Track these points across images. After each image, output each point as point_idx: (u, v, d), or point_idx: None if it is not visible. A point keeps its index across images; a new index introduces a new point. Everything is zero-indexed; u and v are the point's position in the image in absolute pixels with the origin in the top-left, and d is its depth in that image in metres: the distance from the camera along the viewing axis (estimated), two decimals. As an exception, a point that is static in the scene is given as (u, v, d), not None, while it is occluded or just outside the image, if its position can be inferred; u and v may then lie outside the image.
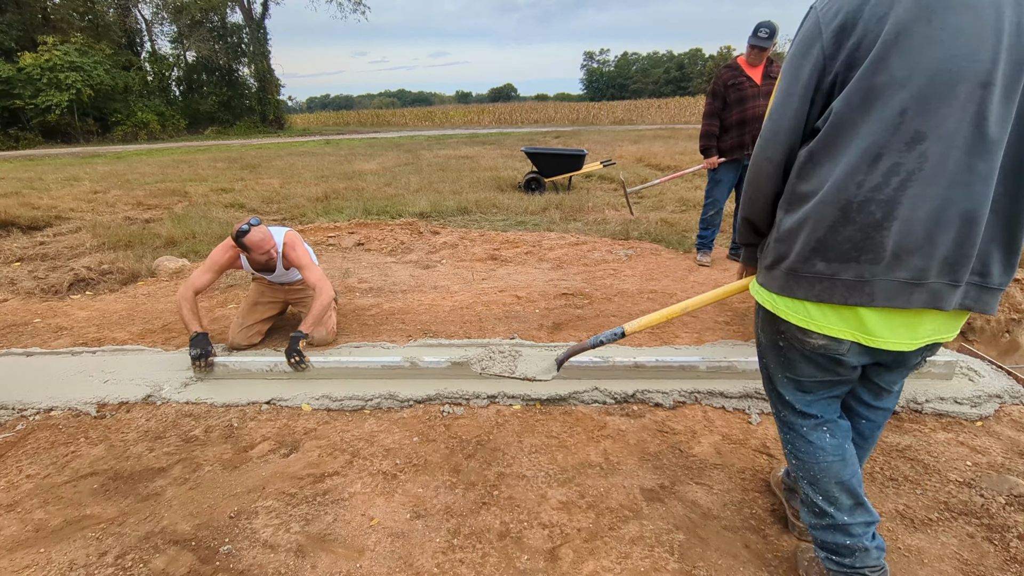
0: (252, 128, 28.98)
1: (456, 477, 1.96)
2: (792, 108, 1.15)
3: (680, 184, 8.20)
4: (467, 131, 27.11)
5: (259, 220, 2.77)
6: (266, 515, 1.79)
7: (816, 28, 1.10)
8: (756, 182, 1.26)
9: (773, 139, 1.18)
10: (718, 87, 3.99)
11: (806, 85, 1.12)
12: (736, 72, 3.92)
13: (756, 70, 3.91)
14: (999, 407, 2.32)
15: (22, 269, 4.66)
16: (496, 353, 1.99)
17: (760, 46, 3.76)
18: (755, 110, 3.93)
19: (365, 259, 4.87)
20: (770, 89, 3.94)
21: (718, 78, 4.01)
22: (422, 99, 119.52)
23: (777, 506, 1.79)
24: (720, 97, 3.99)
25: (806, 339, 1.23)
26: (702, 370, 2.55)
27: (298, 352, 2.62)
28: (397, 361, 2.61)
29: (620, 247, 4.96)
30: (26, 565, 1.61)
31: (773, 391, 1.45)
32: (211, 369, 2.66)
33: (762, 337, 1.40)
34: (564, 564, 1.59)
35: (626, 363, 2.55)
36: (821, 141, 1.10)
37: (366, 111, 52.88)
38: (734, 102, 3.94)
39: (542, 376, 1.85)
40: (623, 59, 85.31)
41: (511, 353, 2.00)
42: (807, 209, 1.12)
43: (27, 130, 22.23)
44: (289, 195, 8.02)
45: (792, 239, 1.16)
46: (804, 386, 1.36)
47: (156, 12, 28.49)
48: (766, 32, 3.73)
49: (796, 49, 1.15)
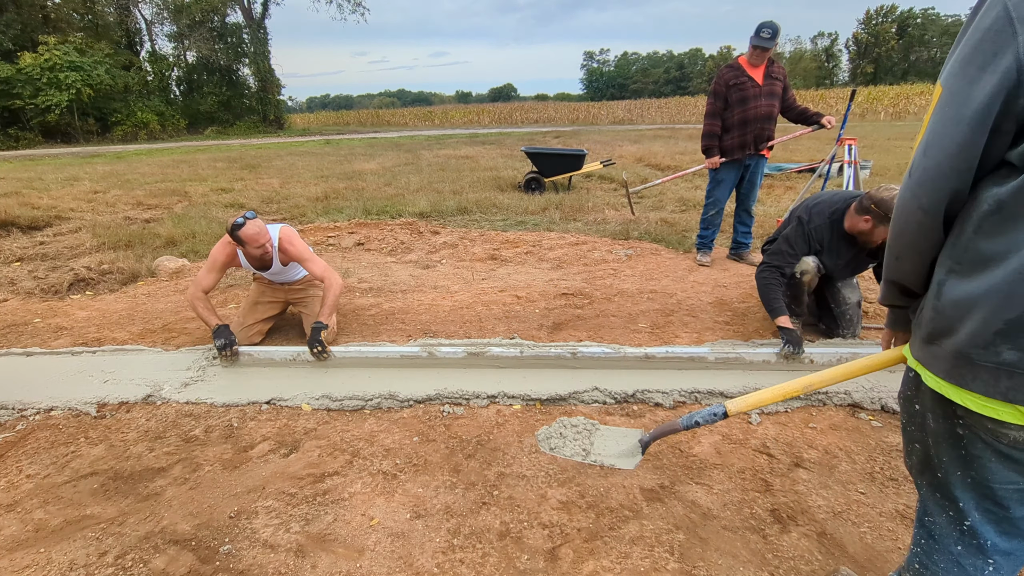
0: (252, 128, 28.98)
1: (456, 477, 1.96)
2: (958, 140, 0.82)
3: (680, 184, 8.20)
4: (467, 131, 27.11)
5: (254, 214, 2.78)
6: (266, 515, 1.79)
7: (1007, 25, 0.75)
8: (905, 236, 0.95)
9: (929, 182, 0.87)
10: (720, 87, 3.97)
11: (986, 108, 0.78)
12: (738, 72, 3.91)
13: (758, 70, 3.89)
14: (999, 407, 2.32)
15: (22, 269, 4.66)
16: (568, 428, 1.75)
17: (763, 46, 3.75)
18: (757, 110, 3.91)
19: (365, 259, 4.87)
20: (772, 89, 3.91)
21: (720, 78, 3.98)
22: (422, 99, 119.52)
23: (777, 506, 1.79)
24: (722, 97, 3.97)
25: (1001, 430, 0.85)
26: (711, 361, 2.66)
27: (320, 342, 2.71)
28: (415, 351, 2.76)
29: (620, 247, 4.96)
30: (26, 565, 1.61)
31: (943, 493, 0.98)
32: (237, 358, 2.78)
33: (928, 416, 0.97)
34: (564, 564, 1.59)
35: (637, 355, 2.68)
36: (1021, 187, 0.77)
37: (366, 111, 52.90)
38: (736, 102, 3.93)
39: (623, 464, 1.58)
40: (623, 59, 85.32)
41: (585, 429, 1.75)
42: (992, 278, 0.81)
43: (27, 130, 22.23)
44: (289, 195, 8.02)
45: (963, 314, 0.84)
46: (998, 496, 0.90)
47: (157, 12, 28.50)
48: (769, 32, 3.71)
49: (967, 54, 0.80)
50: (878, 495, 1.84)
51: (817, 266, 2.76)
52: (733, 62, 3.98)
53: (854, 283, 2.99)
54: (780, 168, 9.17)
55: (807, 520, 1.74)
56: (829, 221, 2.69)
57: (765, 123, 3.95)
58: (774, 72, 3.92)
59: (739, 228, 4.45)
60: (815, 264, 2.75)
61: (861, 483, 1.90)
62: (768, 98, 3.92)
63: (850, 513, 1.76)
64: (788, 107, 4.05)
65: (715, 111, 4.02)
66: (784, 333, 2.64)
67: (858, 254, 2.73)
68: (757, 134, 3.97)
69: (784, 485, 1.89)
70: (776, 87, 3.93)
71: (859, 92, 30.36)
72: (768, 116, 3.94)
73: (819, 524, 1.72)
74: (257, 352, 2.85)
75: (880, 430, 2.19)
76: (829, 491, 1.86)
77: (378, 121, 43.15)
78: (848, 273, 2.90)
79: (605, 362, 2.68)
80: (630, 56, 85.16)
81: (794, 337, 2.61)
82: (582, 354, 2.69)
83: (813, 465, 2.00)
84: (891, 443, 2.11)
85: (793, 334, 2.63)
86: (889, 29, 57.47)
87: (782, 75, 3.97)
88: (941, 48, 57.43)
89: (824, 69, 64.28)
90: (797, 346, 2.60)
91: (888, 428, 2.20)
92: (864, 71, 57.76)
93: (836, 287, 2.93)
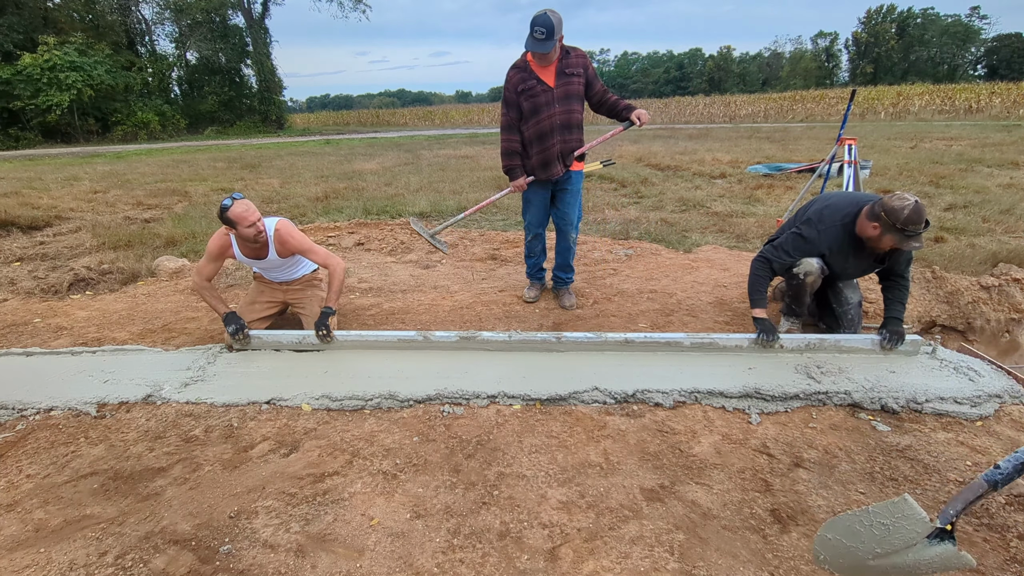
0: (252, 128, 28.99)
1: (456, 477, 1.96)
2: None
3: (680, 184, 8.20)
4: (467, 131, 27.10)
5: (242, 195, 2.79)
6: (266, 515, 1.79)
7: None
8: None
9: None
10: (510, 94, 3.12)
11: None
12: (525, 74, 3.07)
13: (548, 69, 3.07)
14: (999, 407, 2.32)
15: (22, 269, 4.66)
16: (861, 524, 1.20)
17: (539, 51, 2.93)
18: (552, 120, 3.11)
19: (365, 259, 4.87)
20: (568, 91, 3.10)
21: (508, 82, 3.13)
22: (422, 99, 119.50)
23: (777, 506, 1.79)
24: (515, 106, 3.13)
25: None
26: (686, 345, 2.78)
27: (326, 326, 2.82)
28: (412, 336, 2.89)
29: (620, 247, 4.96)
30: (26, 565, 1.61)
31: None
32: (249, 341, 2.91)
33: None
34: (564, 564, 1.59)
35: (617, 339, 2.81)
36: None
37: (366, 111, 52.94)
38: (529, 112, 3.11)
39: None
40: (623, 59, 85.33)
41: (903, 517, 1.14)
42: None
43: (27, 130, 22.21)
44: (289, 195, 8.02)
45: None
46: None
47: (158, 12, 28.50)
48: (543, 32, 2.87)
49: None
50: (878, 495, 1.84)
51: (821, 268, 2.76)
52: (520, 61, 3.12)
53: (855, 283, 2.99)
54: (780, 168, 9.17)
55: (807, 520, 1.74)
56: (841, 225, 2.69)
57: (566, 134, 3.16)
58: (569, 67, 3.07)
59: (557, 260, 3.59)
60: (819, 266, 2.75)
61: (861, 483, 1.90)
62: (564, 103, 3.11)
63: (850, 513, 1.76)
64: (598, 103, 3.23)
65: (510, 123, 3.17)
66: (758, 323, 2.77)
67: (866, 258, 2.73)
68: (561, 149, 3.19)
69: (784, 485, 1.89)
70: (574, 86, 3.10)
71: (859, 92, 30.38)
72: (567, 125, 3.14)
73: (819, 524, 1.72)
74: (265, 335, 2.96)
75: (880, 430, 2.19)
76: (829, 491, 1.86)
77: (378, 121, 43.16)
78: (855, 276, 2.90)
79: (587, 345, 2.80)
80: (630, 56, 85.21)
81: (767, 326, 2.75)
82: (566, 339, 2.80)
83: (813, 465, 2.00)
84: (890, 443, 2.11)
85: (766, 323, 2.76)
86: (889, 29, 57.48)
87: (581, 66, 3.11)
88: (941, 48, 57.46)
89: (824, 69, 64.27)
90: (771, 334, 2.73)
91: (888, 428, 2.20)
92: (864, 71, 57.74)
93: (838, 287, 2.93)
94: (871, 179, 8.00)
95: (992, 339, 3.44)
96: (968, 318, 3.46)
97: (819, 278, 2.79)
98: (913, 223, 2.39)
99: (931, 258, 4.30)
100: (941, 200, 6.45)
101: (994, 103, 25.96)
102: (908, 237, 2.43)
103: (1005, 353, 3.37)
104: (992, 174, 8.13)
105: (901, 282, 2.73)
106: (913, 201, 2.39)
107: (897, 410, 2.29)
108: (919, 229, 2.40)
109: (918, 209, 2.38)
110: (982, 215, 5.68)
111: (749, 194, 7.34)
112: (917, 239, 2.44)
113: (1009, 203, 6.05)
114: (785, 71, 65.00)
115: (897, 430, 2.19)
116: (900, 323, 2.71)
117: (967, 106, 26.54)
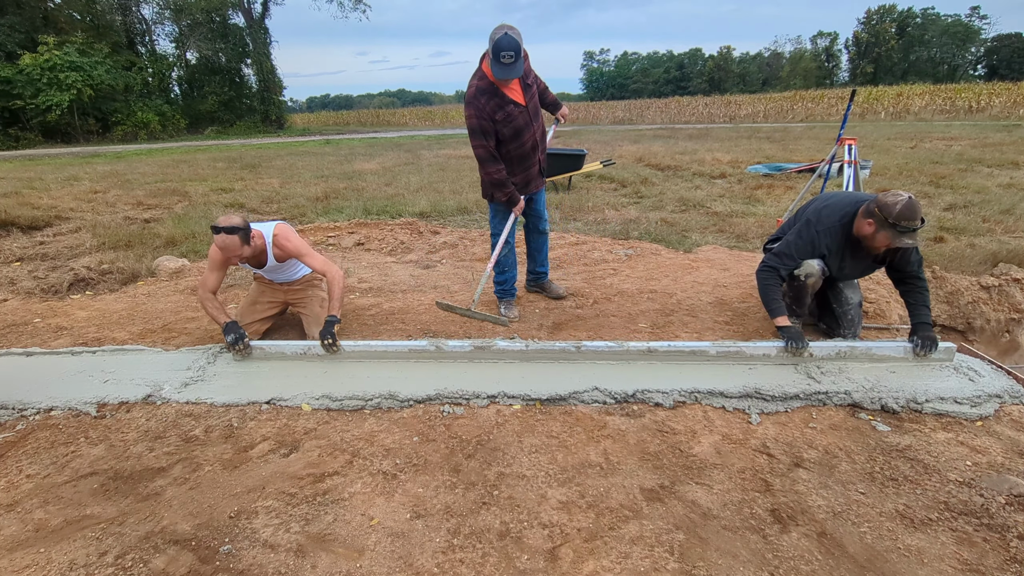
0: (252, 128, 28.97)
1: (456, 477, 1.96)
2: None
3: (680, 184, 8.20)
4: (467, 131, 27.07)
5: (240, 222, 2.67)
6: (266, 515, 1.79)
7: None
8: None
9: None
10: (485, 123, 2.95)
11: None
12: (499, 99, 2.94)
13: (513, 86, 2.97)
14: (999, 407, 2.32)
15: (22, 269, 4.66)
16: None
17: (507, 78, 2.83)
18: (532, 138, 3.09)
19: (365, 259, 4.87)
20: (535, 103, 3.11)
21: (480, 110, 2.93)
22: (422, 99, 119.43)
23: (777, 506, 1.79)
24: (491, 134, 3.00)
25: None
26: (712, 354, 2.68)
27: (332, 335, 2.75)
28: (423, 345, 2.79)
29: (620, 247, 4.96)
30: (26, 565, 1.61)
31: None
32: (249, 351, 2.81)
33: None
34: (564, 564, 1.59)
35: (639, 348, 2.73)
36: None
37: (366, 111, 52.94)
38: (509, 137, 3.03)
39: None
40: (623, 59, 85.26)
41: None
42: None
43: (27, 130, 22.20)
44: (289, 195, 8.02)
45: None
46: None
47: (158, 12, 28.49)
48: (511, 56, 2.73)
49: None
50: (878, 495, 1.84)
51: (822, 269, 2.75)
52: (485, 84, 2.93)
53: (855, 284, 2.99)
54: (780, 168, 9.17)
55: (807, 520, 1.74)
56: (840, 225, 2.68)
57: (541, 147, 3.22)
58: (527, 75, 3.01)
59: (535, 256, 3.71)
60: (820, 268, 2.74)
61: (861, 483, 1.90)
62: (536, 117, 3.12)
63: (850, 513, 1.76)
64: (546, 105, 3.33)
65: (490, 154, 3.03)
66: (784, 332, 2.69)
67: (865, 258, 2.72)
68: (540, 164, 3.26)
69: (784, 485, 1.89)
70: (535, 96, 3.12)
71: (859, 92, 30.37)
72: (542, 138, 3.20)
73: (819, 524, 1.72)
74: (268, 346, 2.88)
75: (880, 430, 2.19)
76: (829, 491, 1.86)
77: (378, 121, 43.15)
78: (854, 276, 2.90)
79: (609, 355, 2.73)
80: (630, 56, 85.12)
81: (794, 333, 2.66)
82: (586, 348, 2.74)
83: (813, 465, 2.00)
84: (890, 443, 2.11)
85: (792, 330, 2.67)
86: (889, 29, 57.46)
87: (533, 76, 3.10)
88: (941, 48, 57.45)
89: (824, 69, 64.25)
90: (799, 341, 2.63)
91: (888, 428, 2.20)
92: (864, 71, 57.73)
93: (838, 288, 2.93)
94: (871, 179, 8.00)
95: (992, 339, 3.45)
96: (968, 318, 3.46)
97: (820, 279, 2.79)
98: (906, 218, 2.38)
99: (931, 258, 4.30)
100: (941, 200, 6.45)
101: (994, 103, 25.97)
102: (901, 233, 2.41)
103: (1005, 353, 3.37)
104: (992, 174, 8.13)
105: (919, 284, 2.69)
106: (906, 197, 2.38)
107: (897, 410, 2.29)
108: (912, 225, 2.39)
109: (911, 205, 2.37)
110: (982, 215, 5.68)
111: (749, 194, 7.34)
112: (911, 235, 2.42)
113: (1009, 203, 6.05)
114: (785, 71, 64.94)
115: (897, 430, 2.19)
116: (930, 327, 2.67)
117: (967, 106, 26.55)
